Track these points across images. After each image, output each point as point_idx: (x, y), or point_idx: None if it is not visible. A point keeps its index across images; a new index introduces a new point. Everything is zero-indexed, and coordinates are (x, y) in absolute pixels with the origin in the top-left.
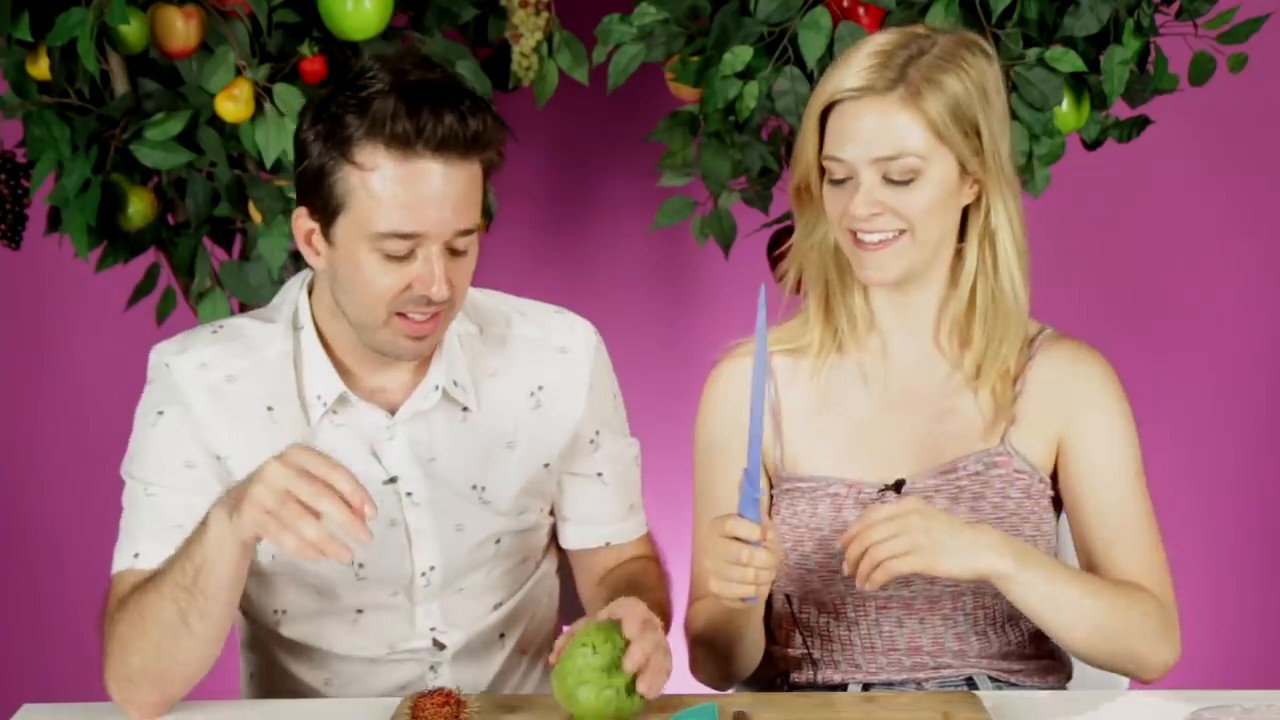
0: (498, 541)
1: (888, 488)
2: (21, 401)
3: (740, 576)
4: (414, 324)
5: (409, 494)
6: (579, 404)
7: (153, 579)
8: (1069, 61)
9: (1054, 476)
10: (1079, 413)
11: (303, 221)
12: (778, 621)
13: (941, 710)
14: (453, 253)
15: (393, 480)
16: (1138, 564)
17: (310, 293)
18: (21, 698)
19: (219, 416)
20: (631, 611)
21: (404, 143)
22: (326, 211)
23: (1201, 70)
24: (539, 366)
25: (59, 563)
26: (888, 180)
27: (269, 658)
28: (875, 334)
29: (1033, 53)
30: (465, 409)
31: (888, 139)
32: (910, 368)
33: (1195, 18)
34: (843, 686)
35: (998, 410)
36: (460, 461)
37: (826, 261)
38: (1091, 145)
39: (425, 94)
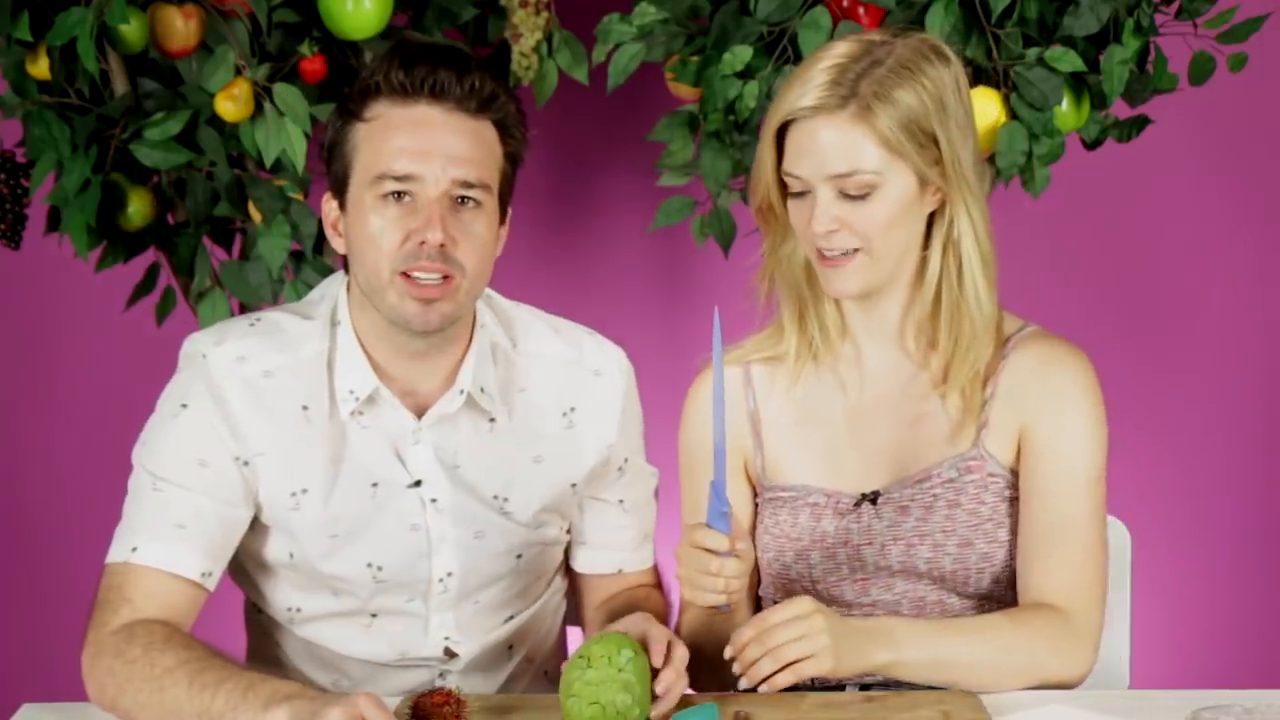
0: (518, 556)
1: (864, 498)
2: (21, 401)
3: (711, 585)
4: (419, 286)
5: (433, 499)
6: (612, 429)
7: (186, 666)
8: (1069, 61)
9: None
10: (1043, 411)
11: (328, 206)
12: None
13: (941, 710)
14: (456, 209)
15: (417, 484)
16: (1059, 572)
17: (348, 289)
18: (21, 698)
19: (255, 412)
20: (657, 634)
21: (403, 91)
22: (341, 180)
23: (1201, 70)
24: (572, 387)
25: (60, 562)
26: (844, 195)
27: (277, 657)
28: (848, 341)
29: (1033, 52)
30: (492, 419)
31: (842, 156)
32: (882, 374)
33: (1195, 17)
34: (840, 687)
35: (966, 414)
36: (484, 470)
37: (796, 273)
38: (1091, 145)
39: (424, 50)
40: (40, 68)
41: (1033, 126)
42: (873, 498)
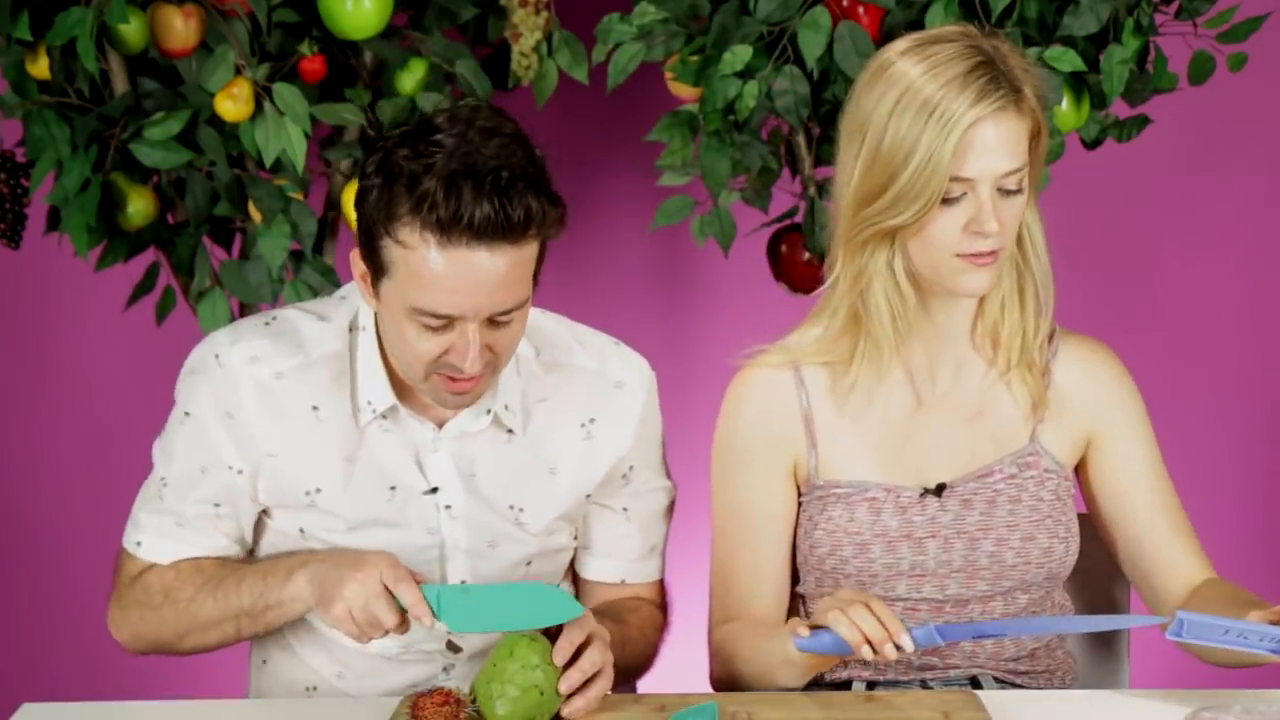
0: (528, 564)
1: (928, 491)
2: (21, 401)
3: (871, 629)
4: (454, 383)
5: (448, 506)
6: (626, 439)
7: (205, 588)
8: (1069, 61)
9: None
10: (1111, 412)
11: (357, 264)
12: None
13: (941, 710)
14: (495, 324)
15: (433, 491)
16: (1194, 555)
17: None
18: (21, 698)
19: (266, 414)
20: (579, 627)
21: (442, 229)
22: (374, 268)
23: (1201, 70)
24: (593, 399)
25: (59, 562)
26: (1002, 191)
27: (284, 645)
28: (915, 340)
29: (1033, 52)
30: (510, 431)
31: (1014, 152)
32: (945, 369)
33: (1195, 17)
34: (847, 684)
35: (1033, 400)
36: (500, 481)
37: (887, 284)
38: (1091, 145)
39: (472, 176)
40: (40, 68)
41: None
42: (938, 490)
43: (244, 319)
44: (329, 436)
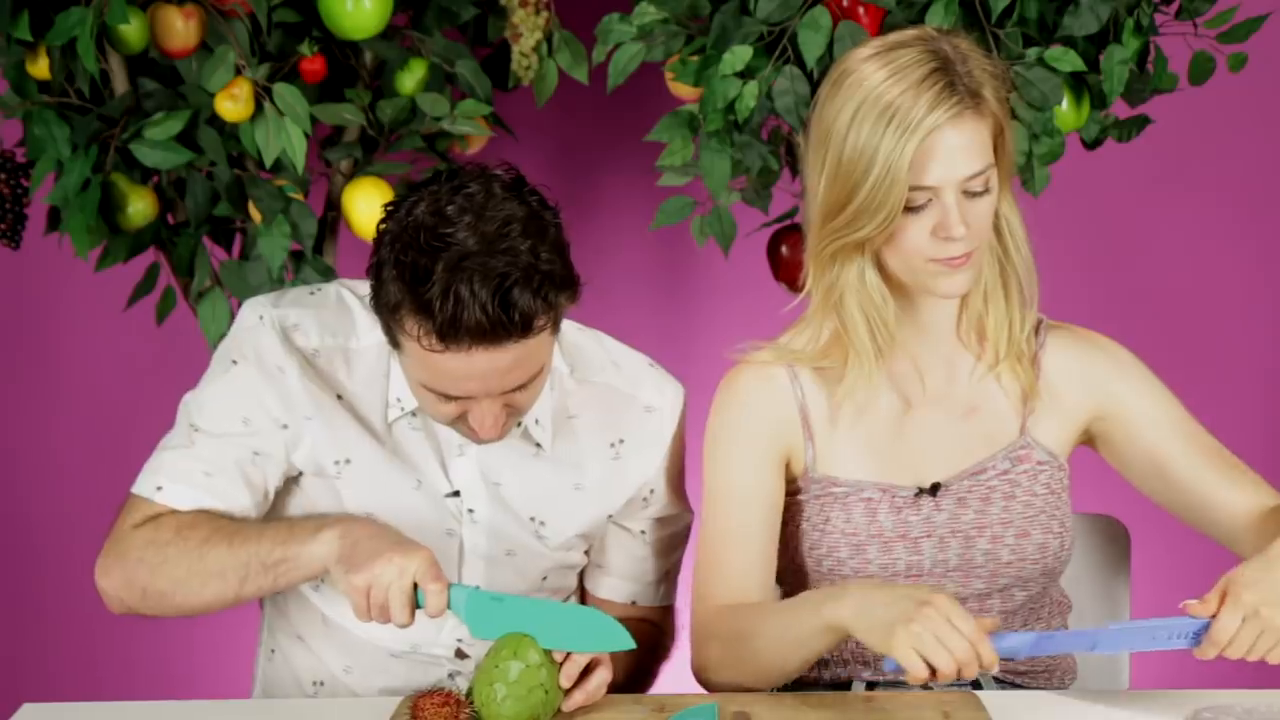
0: (544, 578)
1: (923, 491)
2: (21, 401)
3: (944, 659)
4: (477, 433)
5: (470, 510)
6: (653, 464)
7: (221, 532)
8: (1069, 61)
9: (1077, 461)
10: (1111, 384)
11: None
12: None
13: (942, 710)
14: (510, 393)
15: (456, 494)
16: (1250, 486)
17: None
18: (21, 698)
19: (305, 378)
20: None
21: (443, 336)
22: (389, 335)
23: (1201, 70)
24: (623, 420)
25: (60, 562)
26: (969, 195)
27: (294, 636)
28: (902, 343)
29: (1033, 52)
30: (538, 445)
31: (975, 156)
32: (935, 368)
33: (1195, 17)
34: (847, 684)
35: (1023, 391)
36: (524, 491)
37: (868, 291)
38: (1091, 145)
39: (471, 285)
40: (40, 68)
41: (1033, 126)
42: (933, 490)
43: (287, 288)
44: (354, 429)
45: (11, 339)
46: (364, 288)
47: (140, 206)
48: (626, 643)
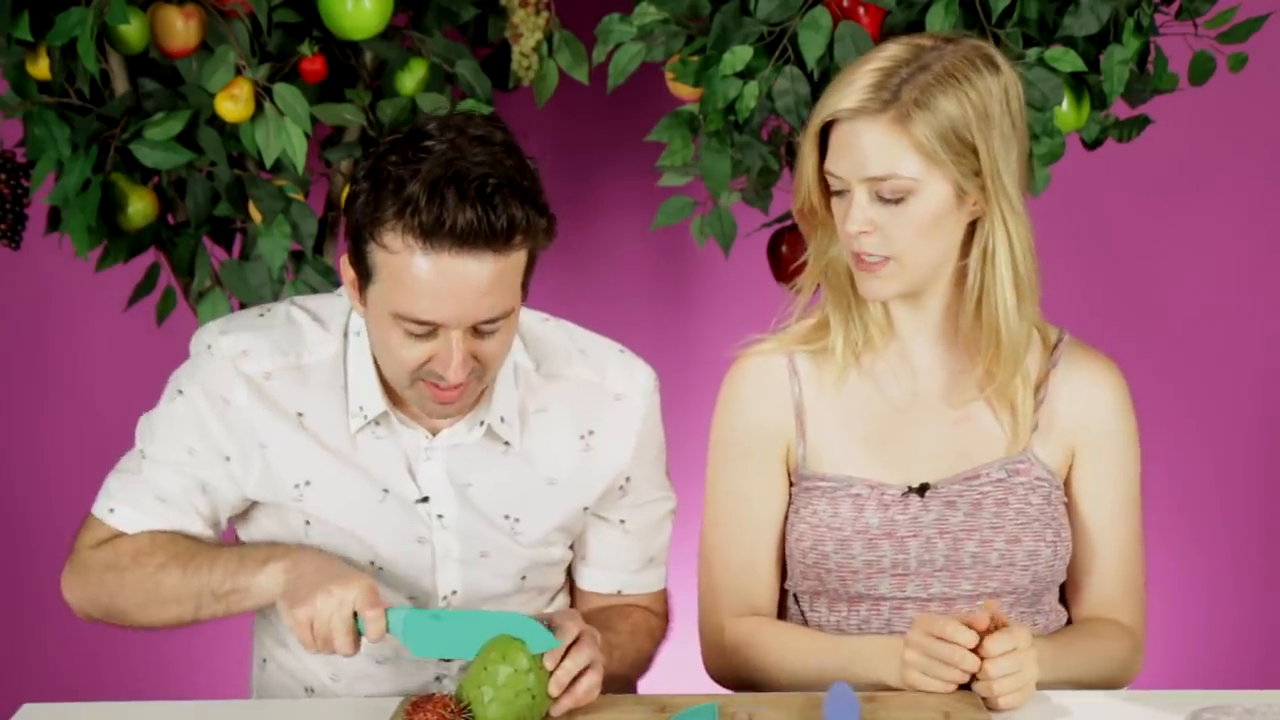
0: (523, 577)
1: (912, 490)
2: (22, 401)
3: (950, 676)
4: (439, 390)
5: (439, 515)
6: (626, 453)
7: (177, 559)
8: (1069, 61)
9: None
10: (1093, 434)
11: (347, 270)
12: (788, 620)
13: (942, 710)
14: (480, 330)
15: (424, 500)
16: (1114, 589)
17: None
18: (21, 698)
19: (258, 405)
20: (568, 627)
21: (424, 234)
22: (361, 272)
23: (1201, 70)
24: (592, 411)
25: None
26: (879, 198)
27: (284, 645)
28: (895, 340)
29: (1033, 52)
30: (507, 443)
31: (879, 159)
32: (929, 370)
33: (1195, 17)
34: None
35: (1018, 420)
36: (495, 492)
37: (841, 275)
38: (1091, 145)
39: (457, 183)
40: (40, 68)
41: (1033, 126)
42: (921, 490)
43: (241, 311)
44: (318, 439)
45: (12, 339)
46: (314, 303)
47: (140, 207)
48: (550, 643)
